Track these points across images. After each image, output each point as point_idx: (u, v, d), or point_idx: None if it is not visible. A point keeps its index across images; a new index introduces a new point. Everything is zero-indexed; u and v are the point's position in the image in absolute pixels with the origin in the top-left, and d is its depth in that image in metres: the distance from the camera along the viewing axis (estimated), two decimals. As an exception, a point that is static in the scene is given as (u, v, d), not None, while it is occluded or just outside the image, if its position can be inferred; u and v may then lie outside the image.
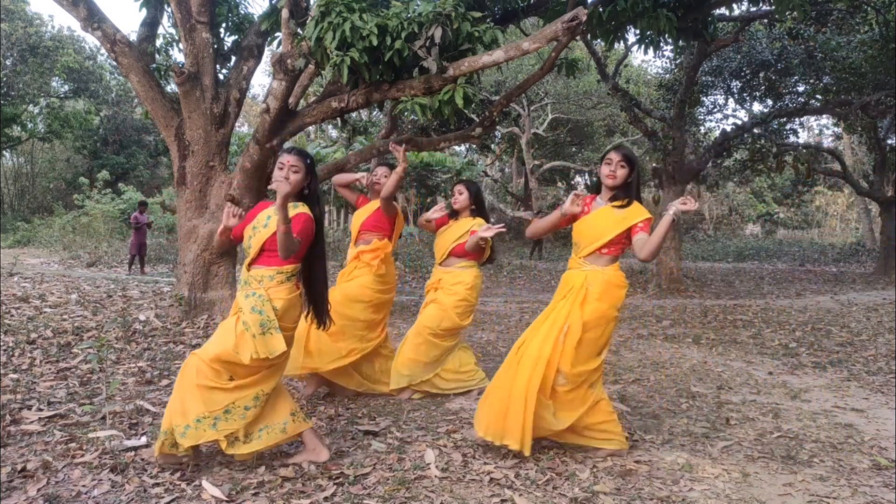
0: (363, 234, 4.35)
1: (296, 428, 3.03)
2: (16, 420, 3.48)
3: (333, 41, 4.89)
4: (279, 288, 2.94)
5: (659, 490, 2.91)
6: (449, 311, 4.32)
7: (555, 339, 3.16)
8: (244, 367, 2.86)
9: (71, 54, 21.87)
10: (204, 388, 2.83)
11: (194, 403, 2.82)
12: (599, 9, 6.36)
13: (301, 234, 2.90)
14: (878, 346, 6.56)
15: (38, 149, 26.82)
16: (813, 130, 28.62)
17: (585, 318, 3.15)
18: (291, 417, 3.04)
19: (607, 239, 3.19)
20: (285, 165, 2.97)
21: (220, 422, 2.83)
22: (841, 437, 3.75)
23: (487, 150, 18.57)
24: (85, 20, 6.09)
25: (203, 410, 2.80)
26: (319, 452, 3.07)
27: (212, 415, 2.81)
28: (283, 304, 2.93)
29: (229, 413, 2.84)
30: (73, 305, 7.06)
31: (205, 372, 2.85)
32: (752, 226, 33.11)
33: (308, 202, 3.05)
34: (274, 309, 2.90)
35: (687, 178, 12.10)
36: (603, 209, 3.27)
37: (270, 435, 2.96)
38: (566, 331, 3.14)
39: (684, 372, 5.36)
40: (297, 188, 3.01)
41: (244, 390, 2.88)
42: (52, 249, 16.44)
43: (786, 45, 12.09)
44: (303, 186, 3.03)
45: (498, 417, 3.16)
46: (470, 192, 4.46)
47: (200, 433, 2.79)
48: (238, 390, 2.88)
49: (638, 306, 9.68)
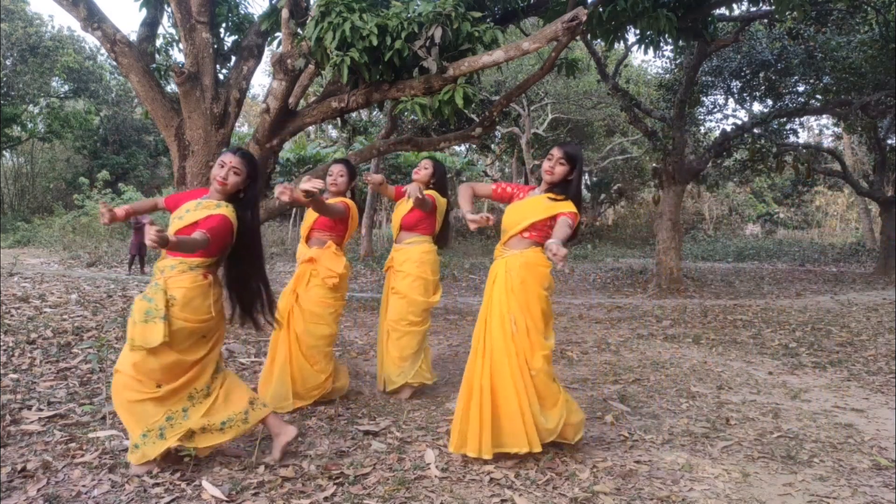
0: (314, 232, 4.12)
1: (257, 416, 3.02)
2: (16, 420, 3.48)
3: (333, 41, 4.89)
4: (180, 277, 2.84)
5: (659, 490, 2.91)
6: (409, 295, 4.31)
7: (511, 333, 3.12)
8: (165, 369, 2.79)
9: (71, 54, 21.87)
10: (135, 403, 2.80)
11: (133, 421, 2.80)
12: (599, 9, 6.36)
13: (212, 233, 2.79)
14: (878, 346, 6.56)
15: (38, 149, 26.81)
16: (813, 130, 28.67)
17: (520, 303, 3.14)
18: (251, 406, 3.02)
19: (530, 221, 3.18)
20: (226, 165, 2.92)
21: (167, 430, 2.82)
22: (841, 437, 3.75)
23: (487, 150, 18.57)
24: (85, 20, 6.09)
25: (143, 426, 2.79)
26: (288, 432, 3.06)
27: (155, 426, 2.80)
28: (183, 294, 2.82)
29: (171, 420, 2.83)
30: (73, 305, 7.06)
31: (130, 385, 2.81)
32: (752, 226, 33.10)
33: (240, 206, 2.97)
34: (170, 298, 2.80)
35: (687, 178, 12.10)
36: (536, 197, 3.29)
37: (233, 427, 2.96)
38: (513, 320, 3.13)
39: (684, 372, 5.36)
40: (233, 190, 2.95)
41: (177, 394, 2.85)
42: (52, 249, 16.43)
43: (786, 45, 12.09)
44: (239, 189, 2.97)
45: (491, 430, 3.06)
46: (436, 170, 4.49)
47: (150, 448, 2.80)
48: (172, 396, 2.84)
49: (638, 306, 9.68)
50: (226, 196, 2.96)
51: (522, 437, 3.05)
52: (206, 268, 2.92)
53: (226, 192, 2.95)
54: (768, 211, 31.56)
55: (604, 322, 8.16)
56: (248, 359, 5.19)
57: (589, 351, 6.21)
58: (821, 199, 32.47)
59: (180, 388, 2.86)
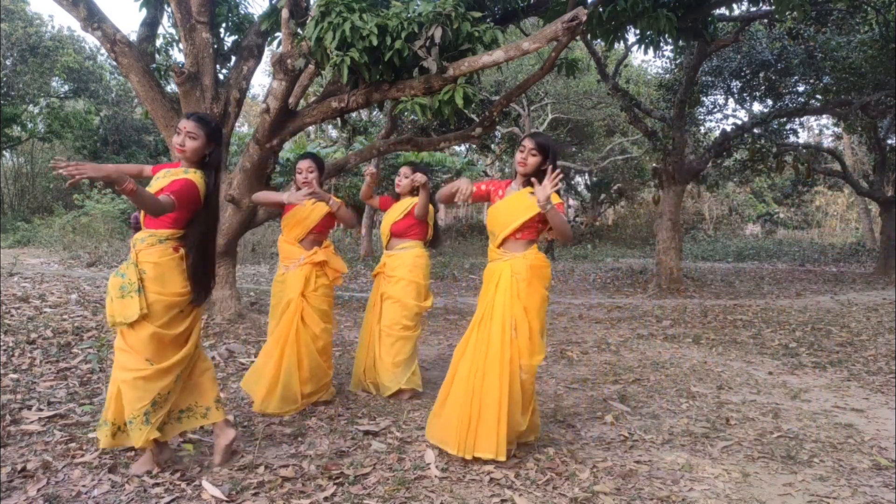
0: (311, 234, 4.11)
1: (216, 416, 3.01)
2: (16, 420, 3.48)
3: (333, 41, 4.89)
4: (150, 250, 2.84)
5: (659, 490, 2.91)
6: (403, 300, 4.34)
7: (510, 337, 3.13)
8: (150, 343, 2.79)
9: (71, 54, 21.86)
10: (126, 384, 2.79)
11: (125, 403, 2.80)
12: (599, 9, 6.36)
13: (177, 195, 2.77)
14: (878, 346, 6.56)
15: (38, 149, 26.79)
16: (813, 130, 28.66)
17: (525, 305, 3.14)
18: (216, 405, 3.03)
19: (520, 222, 3.17)
20: (182, 131, 2.90)
21: (151, 414, 2.81)
22: (841, 437, 3.75)
23: (487, 150, 18.55)
24: (85, 20, 6.09)
25: (131, 411, 2.79)
26: (228, 433, 3.03)
27: (140, 412, 2.78)
28: (153, 269, 2.82)
29: (156, 404, 2.83)
30: (73, 305, 7.06)
31: (124, 362, 2.82)
32: (752, 226, 33.08)
33: (205, 170, 2.95)
34: (141, 272, 2.81)
35: (687, 178, 12.10)
36: (516, 194, 3.26)
37: (191, 419, 2.98)
38: (514, 325, 3.13)
39: (684, 372, 5.36)
40: (195, 156, 2.92)
41: (168, 374, 2.85)
42: (52, 249, 16.42)
43: (786, 45, 12.08)
44: (203, 154, 2.94)
45: (468, 430, 3.08)
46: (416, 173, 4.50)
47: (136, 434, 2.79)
48: (162, 376, 2.83)
49: (638, 306, 9.68)
50: (191, 163, 2.94)
51: (493, 445, 3.05)
52: (177, 240, 2.90)
53: (188, 159, 2.92)
54: (768, 211, 31.55)
55: (604, 322, 8.16)
56: (248, 359, 5.18)
57: (589, 351, 6.21)
58: (821, 199, 32.45)
59: (172, 368, 2.85)
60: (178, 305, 2.87)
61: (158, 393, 2.82)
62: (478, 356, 3.16)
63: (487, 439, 3.06)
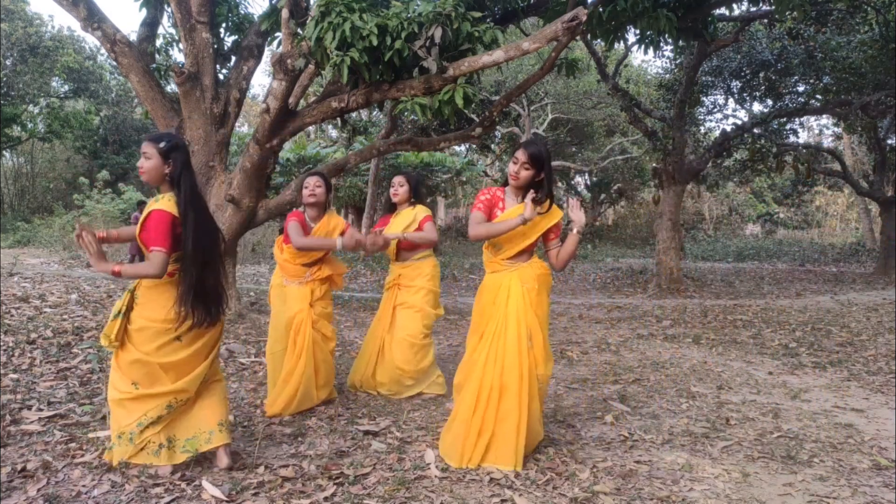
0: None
1: (220, 439, 2.94)
2: (16, 420, 3.48)
3: (333, 41, 4.89)
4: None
5: (659, 490, 2.90)
6: (424, 308, 4.36)
7: (526, 347, 3.10)
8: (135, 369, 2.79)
9: (71, 54, 21.87)
10: (114, 402, 2.83)
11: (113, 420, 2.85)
12: (599, 9, 6.36)
13: (154, 239, 2.69)
14: (878, 346, 6.56)
15: (38, 149, 26.81)
16: (813, 130, 28.67)
17: (538, 314, 3.15)
18: (219, 427, 2.94)
19: (530, 241, 3.19)
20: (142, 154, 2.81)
21: (136, 436, 2.82)
22: (841, 437, 3.75)
23: (487, 150, 18.55)
24: (85, 20, 6.09)
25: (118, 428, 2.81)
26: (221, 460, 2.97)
27: (127, 431, 2.81)
28: (143, 292, 2.82)
29: (141, 426, 2.82)
30: (73, 305, 7.06)
31: (112, 380, 2.85)
32: (752, 226, 33.08)
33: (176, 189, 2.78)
34: (135, 298, 2.83)
35: (687, 178, 12.11)
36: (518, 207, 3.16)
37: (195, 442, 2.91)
38: (530, 335, 3.12)
39: (684, 372, 5.36)
40: (155, 176, 2.79)
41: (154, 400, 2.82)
42: (52, 249, 16.42)
43: (786, 45, 12.09)
44: (162, 173, 2.79)
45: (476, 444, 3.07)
46: (410, 184, 4.52)
47: (124, 450, 2.83)
48: (147, 400, 2.81)
49: (638, 306, 9.68)
50: (157, 184, 2.84)
51: (511, 456, 3.04)
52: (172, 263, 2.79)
53: (151, 180, 2.82)
54: (768, 211, 31.55)
55: (604, 322, 8.16)
56: (248, 359, 5.19)
57: (589, 351, 6.21)
58: (821, 199, 32.45)
59: (161, 395, 2.83)
60: (168, 333, 2.78)
61: (145, 414, 2.81)
62: (492, 371, 3.10)
63: (506, 451, 3.04)
